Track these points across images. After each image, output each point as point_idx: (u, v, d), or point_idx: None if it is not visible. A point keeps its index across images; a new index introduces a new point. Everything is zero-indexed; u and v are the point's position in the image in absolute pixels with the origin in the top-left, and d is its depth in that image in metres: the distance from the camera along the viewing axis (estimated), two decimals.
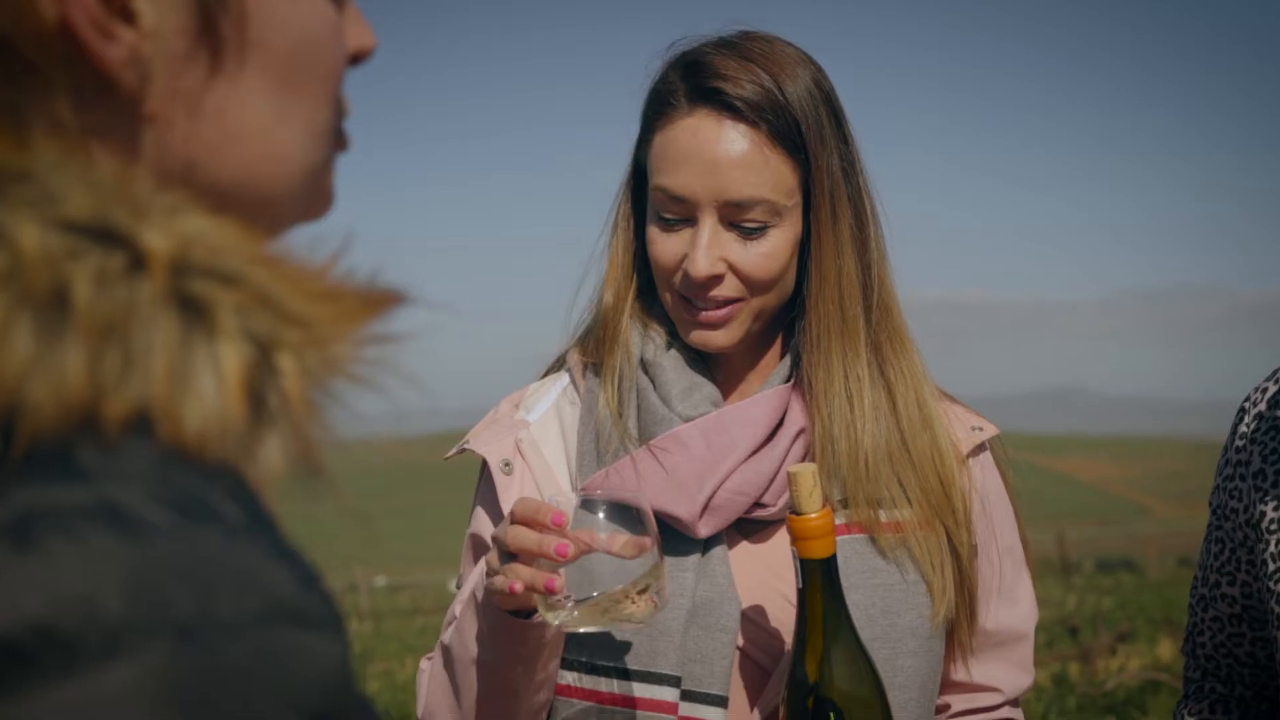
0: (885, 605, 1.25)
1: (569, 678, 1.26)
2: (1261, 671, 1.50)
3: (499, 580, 1.12)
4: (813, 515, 1.10)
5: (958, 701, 1.38)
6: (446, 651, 1.29)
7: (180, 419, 0.43)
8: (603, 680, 1.24)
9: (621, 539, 1.11)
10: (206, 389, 0.44)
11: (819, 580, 1.11)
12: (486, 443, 1.34)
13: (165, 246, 0.44)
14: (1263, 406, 1.46)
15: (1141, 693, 7.63)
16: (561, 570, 1.10)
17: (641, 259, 1.33)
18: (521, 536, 1.10)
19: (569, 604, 1.10)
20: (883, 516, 1.27)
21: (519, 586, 1.10)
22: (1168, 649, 9.85)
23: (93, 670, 0.37)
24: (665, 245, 1.26)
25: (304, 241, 0.51)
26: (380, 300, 0.51)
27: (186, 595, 0.39)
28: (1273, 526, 1.38)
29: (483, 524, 1.36)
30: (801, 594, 1.12)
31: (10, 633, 0.37)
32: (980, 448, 1.37)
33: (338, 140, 0.59)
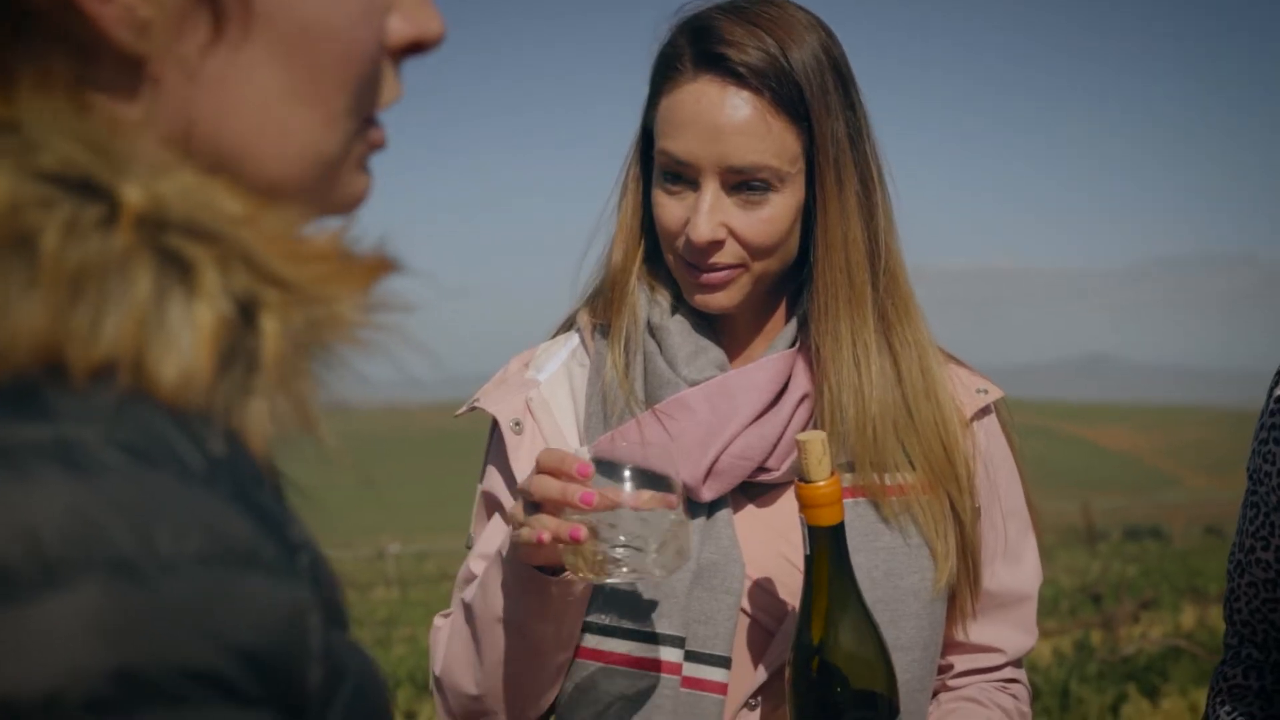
0: (889, 568, 1.26)
1: None
2: None
3: (525, 532, 1.13)
4: (822, 483, 1.10)
5: (961, 662, 1.39)
6: (468, 609, 1.29)
7: (151, 369, 0.44)
8: (607, 640, 1.25)
9: (647, 494, 1.12)
10: (182, 341, 0.44)
11: (827, 547, 1.12)
12: (497, 402, 1.35)
13: (138, 200, 0.45)
14: None
15: (1163, 659, 7.62)
16: (587, 522, 1.11)
17: (649, 221, 1.33)
18: (547, 485, 1.11)
19: (596, 557, 1.10)
20: (886, 481, 1.27)
21: (546, 536, 1.10)
22: (1190, 617, 9.82)
23: (27, 601, 0.38)
24: (669, 209, 1.27)
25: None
26: (373, 266, 0.51)
27: (125, 532, 0.40)
28: None
29: (494, 481, 1.36)
30: (809, 560, 1.13)
31: None
32: (985, 410, 1.37)
33: (370, 134, 0.57)
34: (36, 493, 0.40)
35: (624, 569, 1.10)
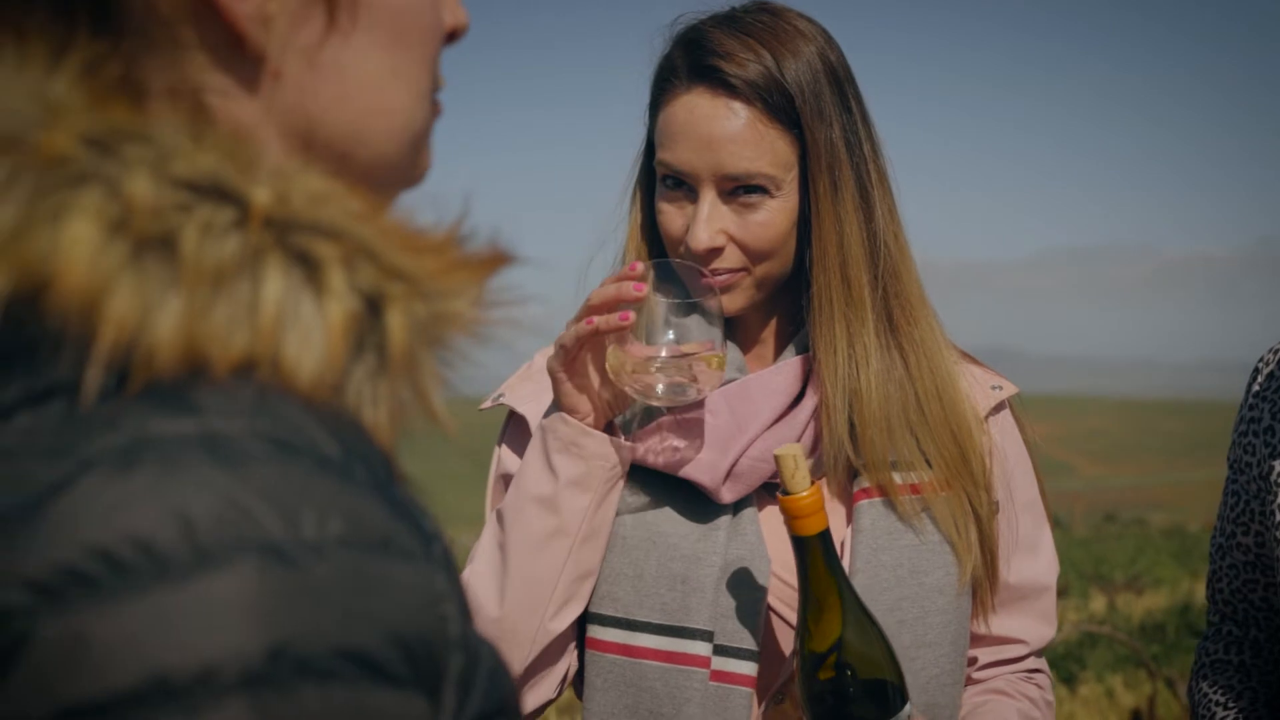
0: (913, 565, 1.28)
1: (603, 634, 1.28)
2: (1275, 615, 1.58)
3: (572, 330, 1.19)
4: (803, 493, 1.13)
5: (985, 654, 1.41)
6: (498, 516, 1.28)
7: (285, 364, 0.46)
8: (637, 635, 1.26)
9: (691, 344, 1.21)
10: (313, 337, 0.47)
11: (820, 553, 1.14)
12: (524, 400, 1.36)
13: (266, 200, 0.47)
14: (1274, 367, 1.52)
15: (1079, 647, 7.81)
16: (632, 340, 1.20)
17: (657, 228, 1.35)
18: (603, 289, 1.19)
19: (639, 367, 1.19)
20: (899, 479, 1.29)
21: (597, 320, 1.16)
22: (1100, 603, 10.08)
23: (184, 581, 0.40)
24: (670, 217, 1.30)
25: (424, 202, 0.54)
26: (491, 259, 0.53)
27: (272, 516, 0.42)
28: None
29: (511, 462, 1.36)
30: (804, 570, 1.15)
31: (111, 543, 0.40)
32: (1000, 406, 1.40)
33: (433, 107, 0.61)
34: (188, 482, 0.42)
35: (666, 377, 1.19)
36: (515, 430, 1.38)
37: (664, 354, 1.20)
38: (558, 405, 1.26)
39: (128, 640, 0.39)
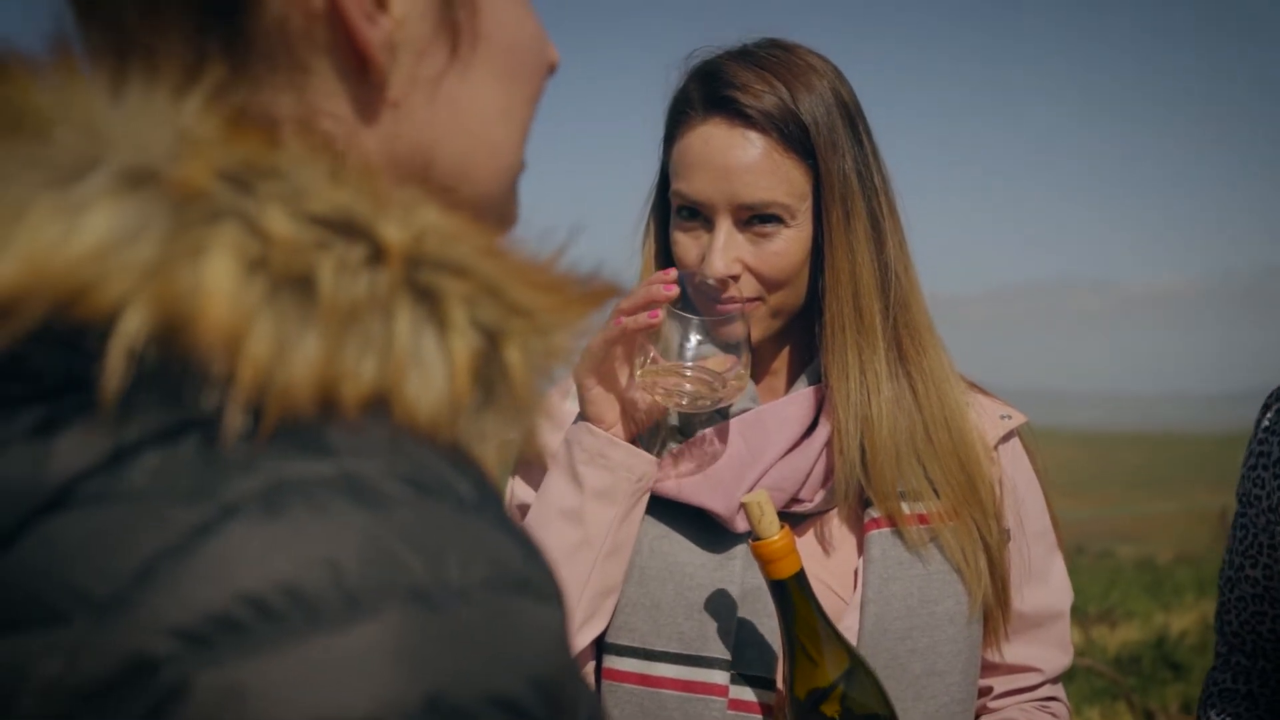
0: (923, 594, 1.28)
1: (621, 664, 1.28)
2: None
3: (600, 336, 1.21)
4: (775, 537, 1.15)
5: (999, 684, 1.41)
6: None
7: (412, 402, 0.45)
8: (655, 665, 1.26)
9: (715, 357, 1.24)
10: (437, 375, 0.46)
11: (798, 593, 1.16)
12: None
13: (402, 239, 0.46)
14: None
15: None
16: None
17: (671, 260, 1.37)
18: (633, 294, 1.21)
19: (667, 373, 1.21)
20: (907, 509, 1.30)
21: (626, 320, 1.19)
22: (1076, 636, 10.08)
23: (335, 629, 0.39)
24: (686, 247, 1.31)
25: (532, 234, 0.54)
26: (600, 292, 0.53)
27: (418, 560, 0.42)
28: None
29: (526, 494, 1.36)
30: (786, 613, 1.16)
31: (261, 590, 0.39)
32: (1009, 435, 1.40)
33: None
34: (333, 525, 0.41)
35: (694, 380, 1.21)
36: (531, 467, 1.38)
37: (691, 363, 1.22)
38: (583, 416, 1.27)
39: (285, 691, 0.39)
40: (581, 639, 1.25)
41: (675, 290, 1.20)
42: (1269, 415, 1.56)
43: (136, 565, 0.40)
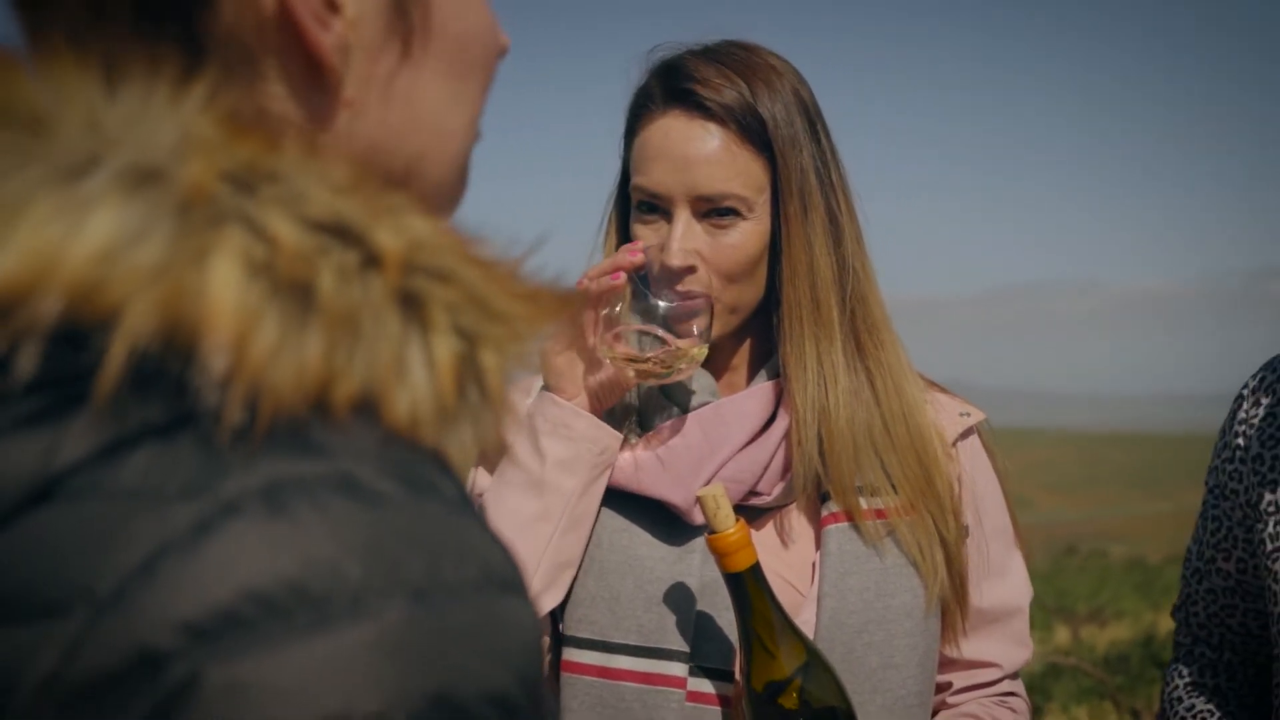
0: (880, 588, 1.29)
1: (580, 656, 1.28)
2: (1252, 640, 1.58)
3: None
4: (730, 530, 1.16)
5: (959, 679, 1.41)
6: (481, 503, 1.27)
7: (398, 404, 0.46)
8: (614, 658, 1.27)
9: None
10: (419, 378, 0.47)
11: (754, 586, 1.17)
12: None
13: (397, 246, 0.47)
14: (1261, 393, 1.52)
15: (1044, 678, 7.81)
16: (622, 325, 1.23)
17: None
18: (599, 264, 1.24)
19: (629, 347, 1.23)
20: (865, 504, 1.30)
21: (588, 282, 1.21)
22: (1064, 635, 10.11)
23: (340, 627, 0.40)
24: (645, 239, 1.31)
25: (502, 241, 0.54)
26: (571, 300, 0.54)
27: (417, 560, 0.42)
28: (1270, 509, 1.44)
29: (486, 481, 1.36)
30: (742, 605, 1.17)
31: (268, 588, 0.40)
32: (968, 432, 1.41)
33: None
34: (335, 524, 0.42)
35: (650, 352, 1.22)
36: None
37: (652, 334, 1.23)
38: (546, 387, 1.29)
39: (292, 688, 0.39)
40: (539, 608, 1.24)
41: (641, 257, 1.22)
42: (1244, 407, 1.53)
43: (139, 559, 0.40)
